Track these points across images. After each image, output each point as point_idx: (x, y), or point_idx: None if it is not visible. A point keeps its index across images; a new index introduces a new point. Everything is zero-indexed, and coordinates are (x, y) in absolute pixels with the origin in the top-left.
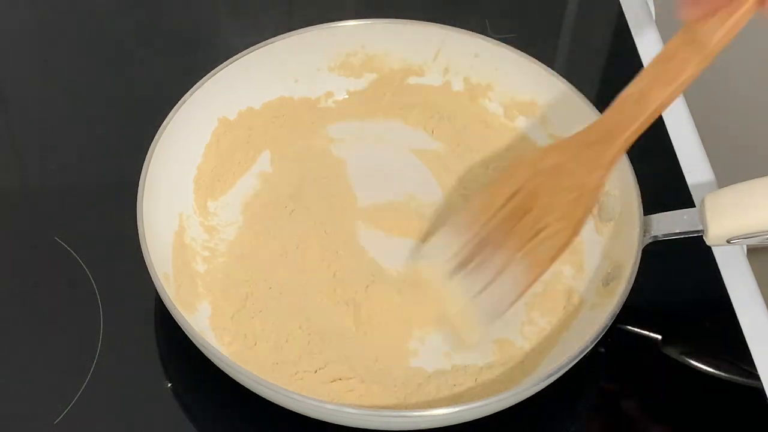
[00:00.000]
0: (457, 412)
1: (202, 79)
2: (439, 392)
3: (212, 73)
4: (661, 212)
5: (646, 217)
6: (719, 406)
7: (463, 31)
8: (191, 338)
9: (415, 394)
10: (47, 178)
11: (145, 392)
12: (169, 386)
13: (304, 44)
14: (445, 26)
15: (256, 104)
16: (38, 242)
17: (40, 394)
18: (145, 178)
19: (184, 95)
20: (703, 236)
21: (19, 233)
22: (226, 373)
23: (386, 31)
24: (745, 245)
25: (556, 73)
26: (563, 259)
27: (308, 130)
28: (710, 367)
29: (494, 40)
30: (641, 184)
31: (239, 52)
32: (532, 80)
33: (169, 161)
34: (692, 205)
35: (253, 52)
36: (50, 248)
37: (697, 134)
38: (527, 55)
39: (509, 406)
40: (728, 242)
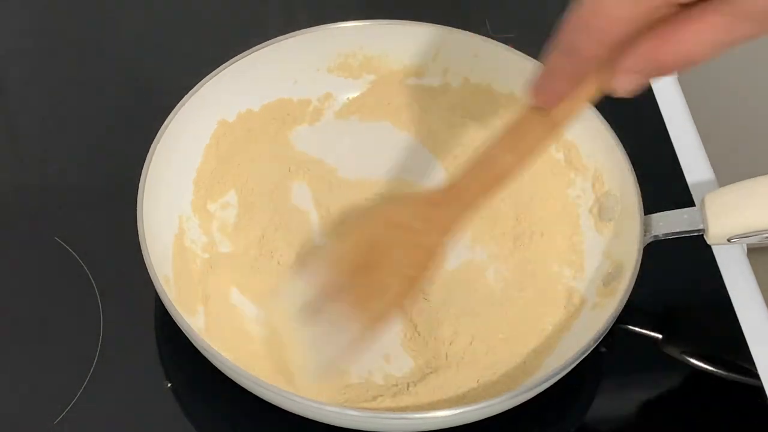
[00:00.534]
0: (459, 414)
1: (201, 80)
2: (440, 394)
3: (212, 74)
4: (661, 212)
5: (646, 216)
6: (720, 405)
7: (462, 31)
8: (191, 340)
9: (416, 395)
10: (47, 178)
11: (145, 392)
12: (169, 386)
13: (302, 45)
14: (444, 27)
15: (255, 106)
16: (38, 242)
17: (40, 394)
18: (145, 179)
19: (183, 97)
20: (703, 235)
21: (19, 233)
22: (226, 374)
23: (385, 32)
24: (745, 245)
25: None
26: (564, 259)
27: (307, 131)
28: (711, 365)
29: (493, 40)
30: (641, 183)
31: (238, 53)
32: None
33: (168, 163)
34: (692, 204)
35: (251, 54)
36: (50, 248)
37: (697, 134)
38: (527, 55)
39: (511, 407)
40: (729, 241)
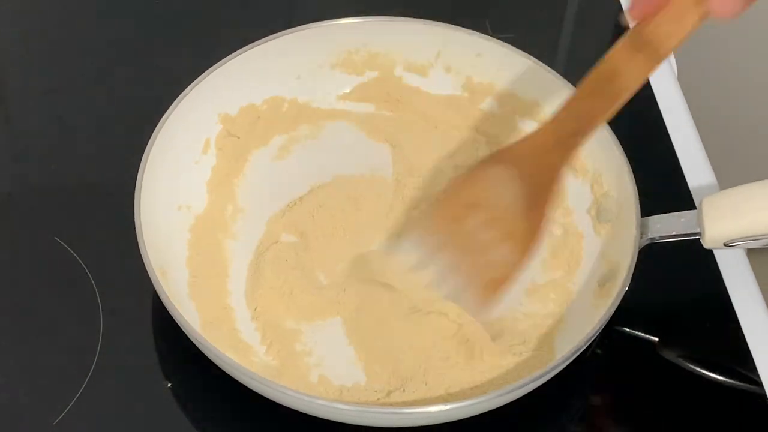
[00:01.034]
0: (448, 410)
1: (201, 75)
2: (432, 390)
3: (212, 68)
4: (659, 214)
5: (643, 218)
6: (715, 409)
7: (465, 30)
8: (188, 335)
9: (408, 391)
10: (47, 178)
11: (144, 392)
12: (168, 386)
13: (305, 41)
14: (448, 25)
15: (257, 100)
16: (38, 242)
17: (40, 394)
18: (142, 176)
19: (183, 91)
20: (700, 239)
21: (19, 233)
22: (223, 370)
23: (388, 29)
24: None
25: (558, 74)
26: (560, 260)
27: (310, 126)
28: (707, 369)
29: (497, 39)
30: (642, 185)
31: (240, 48)
32: (533, 81)
33: (167, 158)
34: (693, 207)
35: (253, 48)
36: (50, 248)
37: (698, 136)
38: (529, 55)
39: (502, 404)
40: (725, 245)
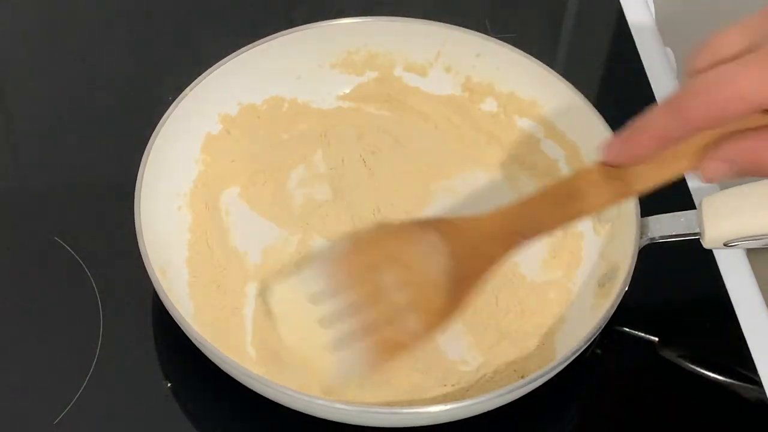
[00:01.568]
0: (449, 409)
1: (201, 74)
2: (430, 391)
3: (212, 68)
4: (658, 214)
5: (643, 218)
6: (715, 409)
7: (465, 30)
8: (188, 335)
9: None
10: (47, 178)
11: (144, 392)
12: (168, 386)
13: (306, 41)
14: (447, 25)
15: (257, 100)
16: (38, 242)
17: (40, 394)
18: (142, 176)
19: (183, 91)
20: (700, 239)
21: (19, 233)
22: (218, 366)
23: (388, 29)
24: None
25: (558, 74)
26: (560, 260)
27: (310, 126)
28: (707, 369)
29: (496, 39)
30: None
31: (240, 48)
32: (533, 81)
33: (168, 158)
34: (694, 207)
35: (254, 48)
36: (50, 248)
37: None
38: (529, 55)
39: (502, 404)
40: (725, 245)
